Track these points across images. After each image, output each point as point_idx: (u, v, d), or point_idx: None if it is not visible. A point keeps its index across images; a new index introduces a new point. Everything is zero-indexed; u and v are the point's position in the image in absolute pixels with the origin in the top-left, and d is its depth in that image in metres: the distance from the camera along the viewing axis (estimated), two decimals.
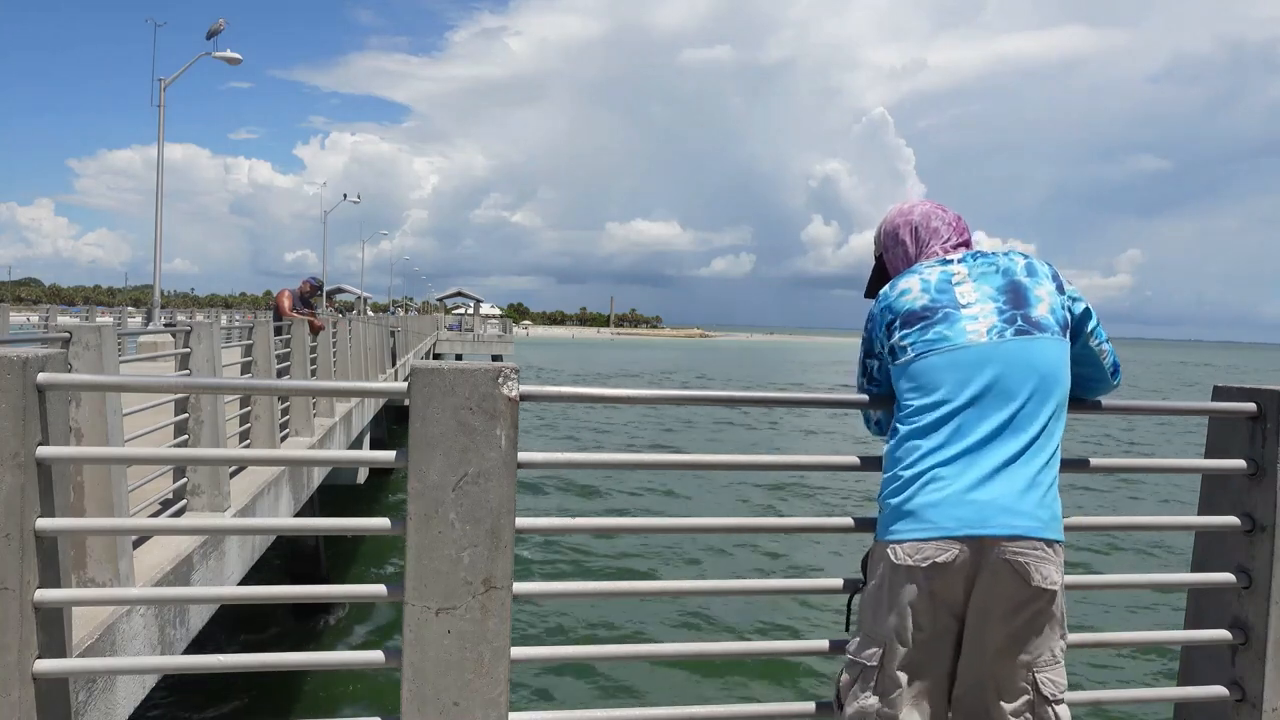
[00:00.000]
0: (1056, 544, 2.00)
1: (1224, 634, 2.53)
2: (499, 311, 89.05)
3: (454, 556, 2.06)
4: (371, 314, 40.34)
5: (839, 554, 14.38)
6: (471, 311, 71.11)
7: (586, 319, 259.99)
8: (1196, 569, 2.67)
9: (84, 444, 4.07)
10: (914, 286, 2.18)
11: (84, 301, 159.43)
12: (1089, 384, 2.32)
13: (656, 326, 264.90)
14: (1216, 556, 2.59)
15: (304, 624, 11.28)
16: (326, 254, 57.49)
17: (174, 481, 5.75)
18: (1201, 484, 2.69)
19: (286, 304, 12.28)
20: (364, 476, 15.01)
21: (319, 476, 9.77)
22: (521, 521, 2.13)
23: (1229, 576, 2.51)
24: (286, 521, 6.26)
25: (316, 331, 11.17)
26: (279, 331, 9.90)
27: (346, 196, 54.30)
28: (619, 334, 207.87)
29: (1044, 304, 2.12)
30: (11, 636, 1.94)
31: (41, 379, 1.98)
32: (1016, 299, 2.12)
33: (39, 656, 1.98)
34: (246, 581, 6.34)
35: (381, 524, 2.13)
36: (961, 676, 2.06)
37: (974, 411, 2.03)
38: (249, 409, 7.87)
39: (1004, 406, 2.03)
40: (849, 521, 2.38)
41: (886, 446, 2.16)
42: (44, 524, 1.99)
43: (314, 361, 10.83)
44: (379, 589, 2.16)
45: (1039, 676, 2.01)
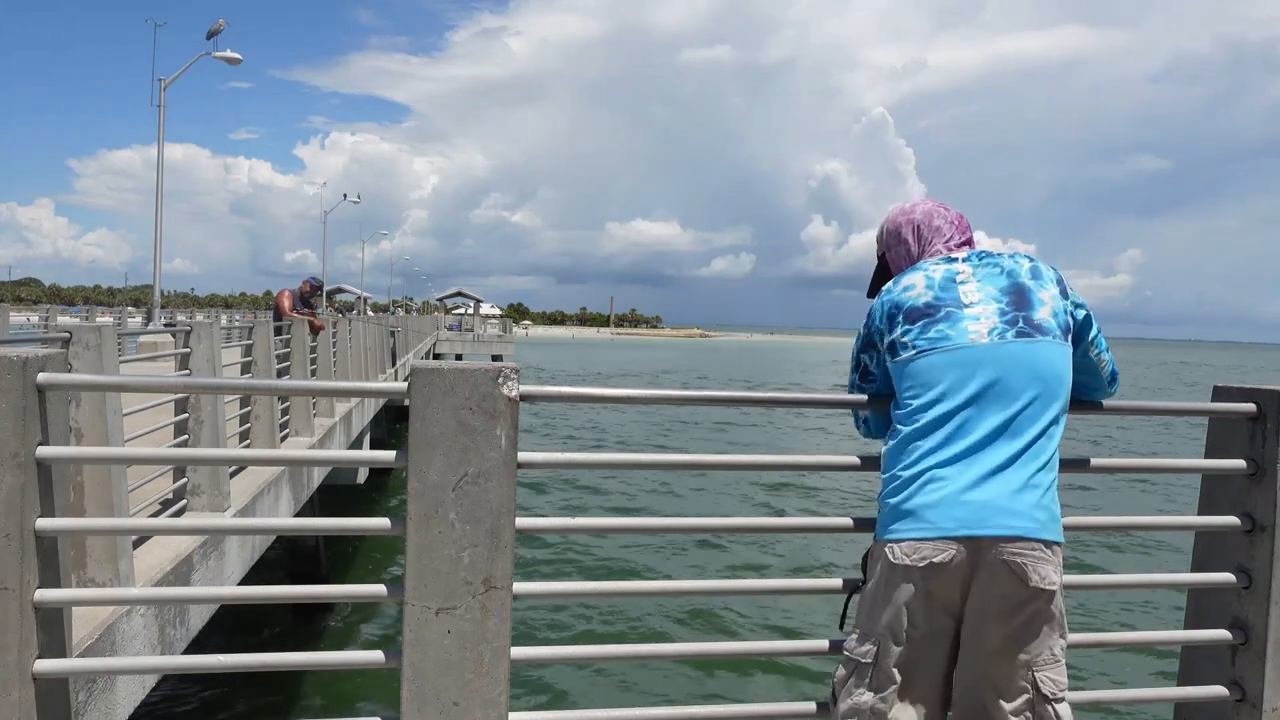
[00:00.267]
0: (1055, 545, 2.01)
1: (1224, 634, 2.53)
2: (499, 311, 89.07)
3: (454, 556, 2.06)
4: (371, 314, 40.34)
5: (839, 554, 14.39)
6: (471, 311, 71.13)
7: (586, 319, 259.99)
8: (1196, 569, 2.67)
9: (84, 444, 4.07)
10: (918, 283, 2.18)
11: (84, 301, 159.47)
12: (1086, 390, 2.33)
13: (656, 326, 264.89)
14: (1216, 556, 2.60)
15: (304, 624, 11.27)
16: (326, 254, 57.58)
17: (174, 481, 5.75)
18: (1201, 484, 2.69)
19: (286, 304, 12.29)
20: (364, 476, 15.00)
21: (319, 476, 9.77)
22: (521, 521, 2.13)
23: (1229, 576, 2.51)
24: (286, 521, 6.26)
25: (316, 331, 11.17)
26: (279, 331, 9.90)
27: (346, 196, 54.34)
28: (619, 334, 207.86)
29: (1046, 307, 2.12)
30: (11, 636, 1.94)
31: (41, 379, 1.98)
32: (1019, 301, 2.12)
33: (39, 656, 1.98)
34: (246, 581, 6.34)
35: (381, 524, 2.14)
36: (960, 677, 2.07)
37: (973, 412, 2.03)
38: (249, 409, 7.87)
39: (1003, 408, 2.03)
40: (849, 521, 2.38)
41: (885, 446, 2.16)
42: (44, 524, 1.99)
43: (314, 361, 10.83)
44: (379, 589, 2.16)
45: (1038, 675, 2.01)
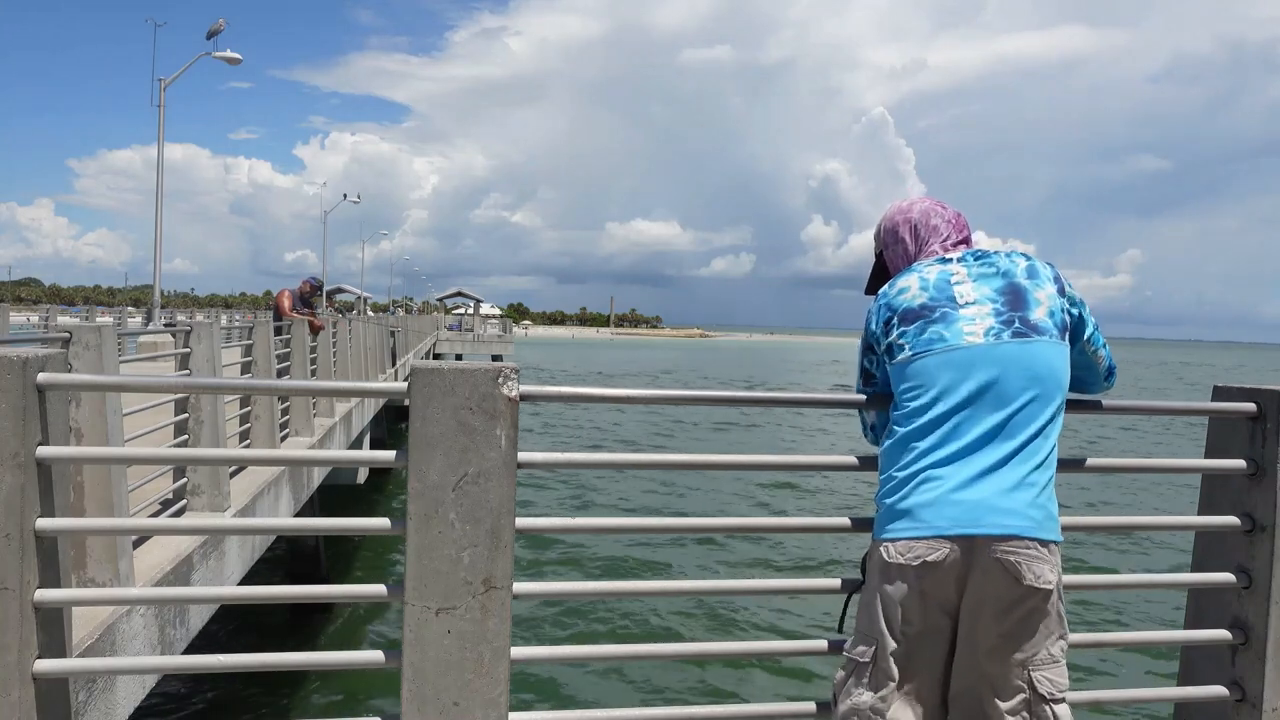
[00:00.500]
0: (1051, 544, 2.01)
1: (1224, 634, 2.53)
2: (499, 311, 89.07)
3: (454, 556, 2.06)
4: (371, 314, 40.34)
5: (841, 554, 14.39)
6: (471, 311, 71.13)
7: (586, 319, 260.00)
8: (1196, 569, 2.67)
9: (84, 444, 4.07)
10: (913, 285, 2.18)
11: (84, 301, 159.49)
12: (1082, 385, 2.34)
13: (656, 326, 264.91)
14: (1216, 556, 2.60)
15: (304, 624, 11.27)
16: (326, 254, 57.57)
17: (174, 481, 5.75)
18: (1201, 484, 2.69)
19: (286, 304, 12.28)
20: (364, 476, 15.00)
21: (319, 476, 9.77)
22: (521, 521, 2.13)
23: (1229, 576, 2.51)
24: (286, 521, 6.26)
25: (316, 331, 11.17)
26: (279, 331, 9.90)
27: (346, 196, 54.33)
28: (619, 334, 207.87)
29: (1043, 307, 2.12)
30: (11, 636, 1.94)
31: (41, 379, 1.98)
32: (1015, 301, 2.12)
33: (39, 656, 1.98)
34: (246, 581, 6.34)
35: (381, 524, 2.14)
36: (957, 675, 2.07)
37: (969, 413, 2.03)
38: (249, 409, 7.87)
39: (999, 408, 2.03)
40: (848, 521, 2.39)
41: (883, 446, 2.17)
42: (44, 524, 1.99)
43: (314, 361, 10.83)
44: (379, 589, 2.16)
45: (1035, 675, 2.00)
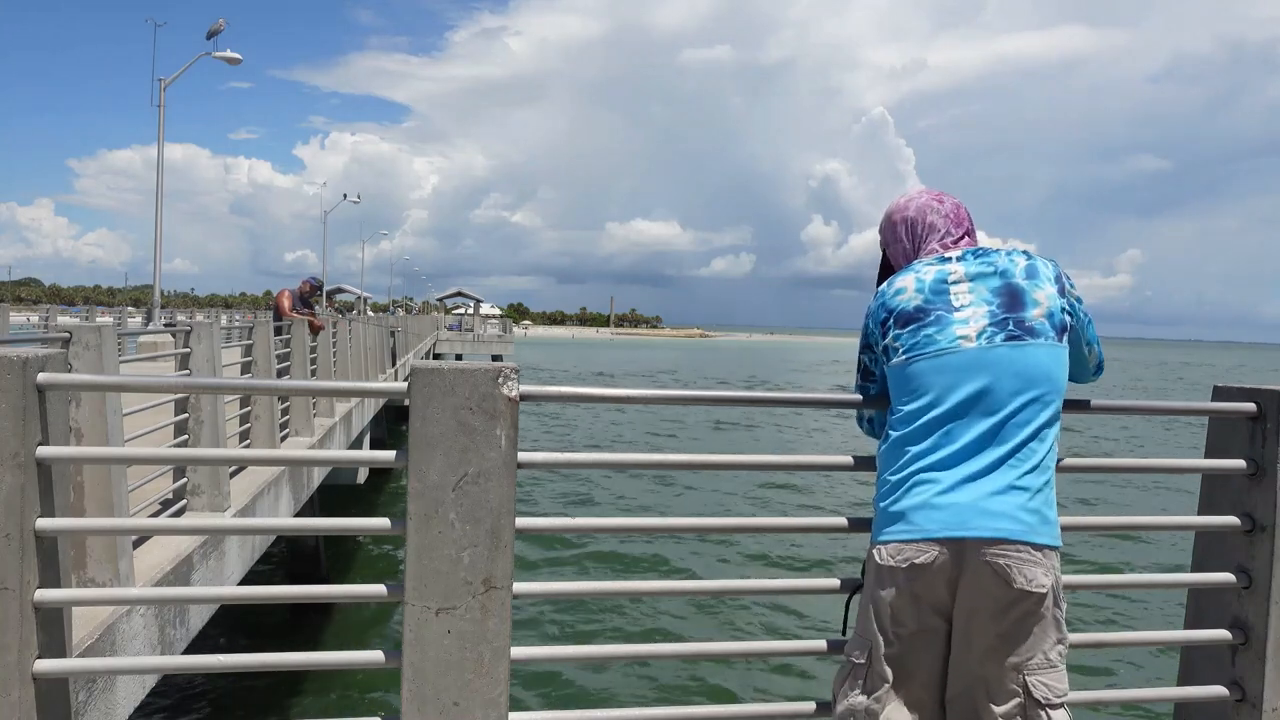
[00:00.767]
0: (1046, 548, 2.00)
1: (1224, 634, 2.53)
2: (499, 311, 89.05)
3: (454, 556, 2.06)
4: (371, 314, 40.33)
5: (842, 554, 14.38)
6: (471, 311, 71.11)
7: (586, 319, 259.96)
8: (1196, 569, 2.67)
9: (84, 444, 4.07)
10: (909, 285, 2.17)
11: (84, 301, 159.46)
12: (1071, 378, 2.31)
13: (656, 326, 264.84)
14: (1216, 556, 2.59)
15: (304, 624, 11.28)
16: (326, 254, 57.58)
17: (174, 481, 5.75)
18: (1201, 484, 2.69)
19: (286, 304, 12.28)
20: (364, 476, 15.00)
21: (319, 476, 9.77)
22: (521, 521, 2.13)
23: (1229, 576, 2.51)
24: (286, 521, 6.26)
25: (316, 331, 11.17)
26: (279, 331, 9.89)
27: (346, 196, 54.33)
28: (619, 334, 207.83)
29: (1041, 308, 2.10)
30: (11, 636, 1.94)
31: (41, 379, 1.98)
32: (1011, 302, 2.10)
33: (39, 656, 1.98)
34: (246, 581, 6.34)
35: (381, 524, 2.14)
36: (953, 678, 2.07)
37: (961, 417, 2.03)
38: (249, 409, 7.87)
39: (991, 412, 2.03)
40: (847, 522, 2.38)
41: (879, 450, 2.18)
42: (44, 524, 1.99)
43: (314, 361, 10.83)
44: (379, 589, 2.16)
45: (1030, 679, 1.99)
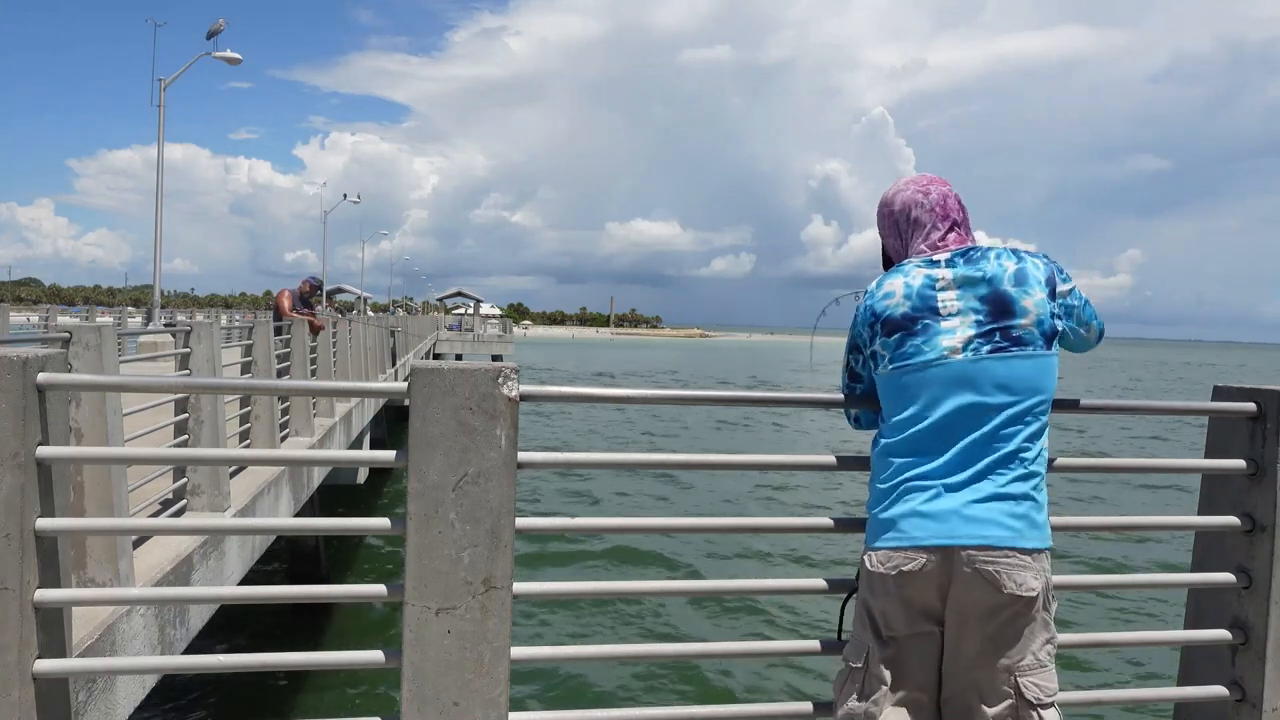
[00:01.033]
0: (1035, 552, 2.01)
1: (1224, 634, 2.53)
2: (499, 311, 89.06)
3: (454, 556, 2.06)
4: (371, 314, 40.32)
5: (840, 553, 14.38)
6: (471, 311, 71.11)
7: (586, 319, 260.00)
8: (1196, 569, 2.67)
9: (84, 444, 4.07)
10: (897, 290, 2.15)
11: (84, 301, 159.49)
12: (1075, 349, 2.30)
13: (656, 326, 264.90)
14: (1216, 556, 2.59)
15: (304, 624, 11.28)
16: (326, 254, 57.54)
17: (174, 481, 5.76)
18: (1201, 484, 2.69)
19: (286, 304, 12.28)
20: (364, 476, 15.00)
21: (319, 476, 9.77)
22: (521, 521, 2.13)
23: (1229, 576, 2.51)
24: (286, 521, 6.26)
25: (316, 331, 11.17)
26: (279, 331, 9.90)
27: (346, 196, 54.29)
28: (619, 334, 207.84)
29: (1029, 316, 2.07)
30: (11, 636, 1.94)
31: (41, 379, 1.98)
32: (999, 311, 2.08)
33: (39, 656, 1.98)
34: (246, 581, 6.34)
35: (381, 524, 2.14)
36: (947, 681, 2.09)
37: (949, 428, 2.04)
38: (249, 409, 7.87)
39: (979, 424, 2.03)
40: (845, 522, 2.39)
41: (871, 455, 2.18)
42: (44, 524, 1.99)
43: (314, 361, 10.83)
44: (379, 589, 2.16)
45: (1021, 681, 2.01)
